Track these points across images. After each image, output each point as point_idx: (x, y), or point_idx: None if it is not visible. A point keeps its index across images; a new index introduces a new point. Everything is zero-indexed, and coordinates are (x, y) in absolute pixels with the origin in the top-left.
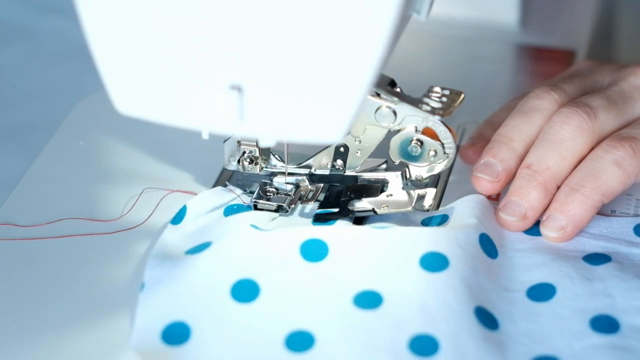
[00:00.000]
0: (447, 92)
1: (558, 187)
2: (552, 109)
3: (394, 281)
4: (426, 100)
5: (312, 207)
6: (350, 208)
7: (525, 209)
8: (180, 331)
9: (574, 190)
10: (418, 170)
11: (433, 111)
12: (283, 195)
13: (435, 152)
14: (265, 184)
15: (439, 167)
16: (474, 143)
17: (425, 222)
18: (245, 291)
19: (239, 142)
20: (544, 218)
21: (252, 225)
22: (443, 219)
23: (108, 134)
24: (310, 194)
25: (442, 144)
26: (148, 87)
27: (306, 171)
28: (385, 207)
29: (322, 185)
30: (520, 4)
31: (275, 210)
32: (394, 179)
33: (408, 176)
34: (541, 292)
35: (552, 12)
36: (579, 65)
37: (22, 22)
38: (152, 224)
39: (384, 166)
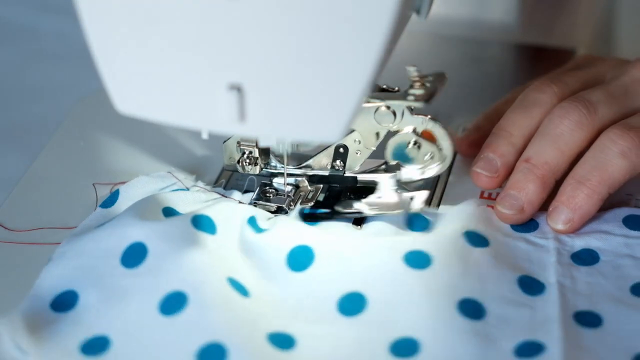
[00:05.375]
0: (430, 77)
1: (556, 181)
2: (552, 102)
3: (263, 276)
4: (411, 91)
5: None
6: (337, 209)
7: (523, 202)
8: (69, 299)
9: (581, 183)
10: (410, 173)
11: (417, 99)
12: (282, 196)
13: (432, 155)
14: (265, 184)
15: (432, 171)
16: (469, 135)
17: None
18: (134, 256)
19: (238, 142)
20: (550, 209)
21: (167, 208)
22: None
23: (108, 134)
24: (310, 195)
25: (440, 148)
26: (148, 87)
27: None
28: (375, 209)
29: (321, 186)
30: (520, 4)
31: (275, 211)
32: (385, 181)
33: (399, 178)
34: (416, 259)
35: (552, 12)
36: (578, 59)
37: (22, 22)
38: None
39: (383, 167)
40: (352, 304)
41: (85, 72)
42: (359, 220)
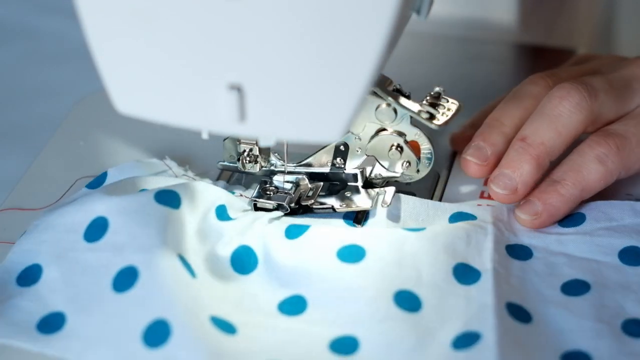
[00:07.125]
0: (447, 101)
1: (551, 162)
2: (545, 94)
3: (207, 267)
4: (426, 107)
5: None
6: (307, 205)
7: (517, 183)
8: (33, 272)
9: (555, 182)
10: (379, 169)
11: (430, 119)
12: (283, 194)
13: (409, 164)
14: (265, 182)
15: (396, 175)
16: (464, 132)
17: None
18: (95, 230)
19: (238, 141)
20: (521, 202)
21: (142, 190)
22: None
23: (108, 134)
24: (310, 193)
25: (417, 161)
26: (148, 87)
27: (306, 169)
28: (344, 205)
29: (321, 183)
30: (520, 4)
31: (275, 209)
32: (354, 176)
33: (368, 174)
34: (349, 253)
35: (552, 12)
36: (577, 57)
37: (21, 22)
38: None
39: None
40: (292, 306)
41: (85, 72)
42: (359, 220)
